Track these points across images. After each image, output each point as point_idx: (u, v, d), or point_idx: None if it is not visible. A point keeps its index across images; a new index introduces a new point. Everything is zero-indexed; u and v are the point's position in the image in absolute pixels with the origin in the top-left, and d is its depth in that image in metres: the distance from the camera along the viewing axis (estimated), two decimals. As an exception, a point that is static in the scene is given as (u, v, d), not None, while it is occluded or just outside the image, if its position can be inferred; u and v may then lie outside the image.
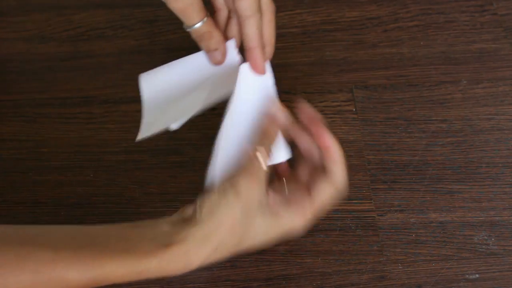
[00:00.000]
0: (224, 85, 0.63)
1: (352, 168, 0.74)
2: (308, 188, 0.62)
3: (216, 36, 0.63)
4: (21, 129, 0.78)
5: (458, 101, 0.79)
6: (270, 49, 0.64)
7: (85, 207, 0.72)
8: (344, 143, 0.76)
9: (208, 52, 0.63)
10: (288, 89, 0.80)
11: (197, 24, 0.61)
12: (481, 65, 0.82)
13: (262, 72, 0.63)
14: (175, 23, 0.88)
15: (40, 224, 0.70)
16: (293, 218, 0.61)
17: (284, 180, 0.64)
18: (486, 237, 0.69)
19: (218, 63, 0.64)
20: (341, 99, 0.80)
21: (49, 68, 0.82)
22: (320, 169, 0.62)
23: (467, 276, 0.67)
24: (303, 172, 0.64)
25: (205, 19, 0.62)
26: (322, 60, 0.83)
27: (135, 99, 0.73)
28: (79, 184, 0.74)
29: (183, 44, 0.85)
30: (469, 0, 0.89)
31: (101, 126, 0.78)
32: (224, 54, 0.63)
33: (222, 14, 0.65)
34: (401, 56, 0.84)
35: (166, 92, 0.66)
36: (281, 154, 0.63)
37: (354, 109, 0.79)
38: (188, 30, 0.63)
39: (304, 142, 0.64)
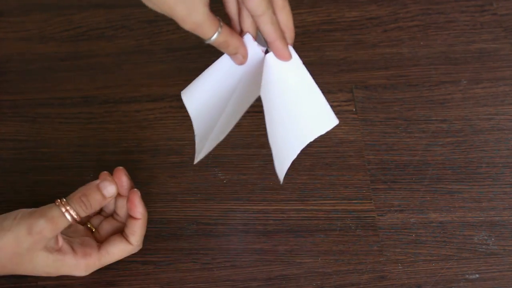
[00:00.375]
0: (257, 83, 0.63)
1: (352, 168, 0.74)
2: (101, 238, 0.67)
3: (233, 42, 0.64)
4: (21, 129, 0.78)
5: (458, 101, 0.79)
6: (290, 34, 0.65)
7: (85, 207, 0.72)
8: (344, 143, 0.76)
9: (230, 56, 0.65)
10: (288, 89, 0.80)
11: (213, 37, 0.63)
12: (481, 65, 0.82)
13: (288, 59, 0.64)
14: (175, 23, 0.88)
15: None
16: (75, 263, 0.64)
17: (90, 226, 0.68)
18: (486, 237, 0.69)
19: (241, 63, 0.65)
20: (341, 99, 0.80)
21: (49, 68, 0.82)
22: (120, 228, 0.67)
23: (467, 276, 0.67)
24: (96, 220, 0.69)
25: (219, 29, 0.63)
26: (322, 60, 0.83)
27: (135, 99, 0.73)
28: (79, 184, 0.73)
29: (183, 44, 0.85)
30: (469, 0, 0.89)
31: (101, 126, 0.78)
32: (245, 55, 0.65)
33: (231, 6, 0.65)
34: (401, 56, 0.84)
35: (209, 105, 0.66)
36: None
37: (354, 109, 0.79)
38: (206, 43, 0.64)
39: (118, 202, 0.68)
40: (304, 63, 0.65)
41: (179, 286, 0.66)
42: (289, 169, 0.74)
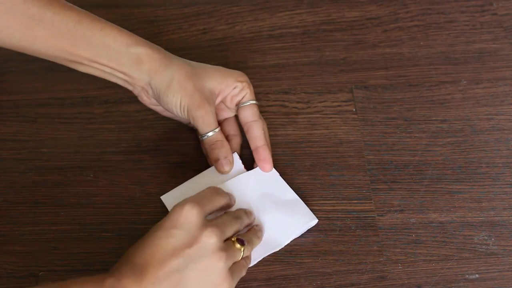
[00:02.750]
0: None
1: (352, 168, 0.74)
2: None
3: (226, 145, 0.71)
4: (21, 129, 0.78)
5: (458, 101, 0.79)
6: (269, 150, 0.72)
7: (85, 207, 0.72)
8: (344, 143, 0.76)
9: (218, 161, 0.71)
10: (288, 89, 0.81)
11: (211, 132, 0.70)
12: (481, 65, 0.82)
13: (270, 167, 0.71)
14: (175, 23, 0.88)
15: (39, 223, 0.70)
16: None
17: None
18: (486, 237, 0.69)
19: (226, 172, 0.71)
20: (341, 99, 0.80)
21: (49, 68, 0.82)
22: None
23: (467, 276, 0.67)
24: None
25: (217, 129, 0.70)
26: (322, 60, 0.83)
27: (135, 99, 0.73)
28: (79, 184, 0.74)
29: (183, 44, 0.85)
30: (469, 0, 0.89)
31: (101, 126, 0.78)
32: (232, 163, 0.71)
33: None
34: (401, 56, 0.84)
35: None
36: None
37: (354, 109, 0.79)
38: (203, 138, 0.71)
39: None
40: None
41: (179, 286, 0.66)
42: (289, 169, 0.74)
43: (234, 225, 0.64)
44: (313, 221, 0.69)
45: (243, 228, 0.66)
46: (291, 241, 0.69)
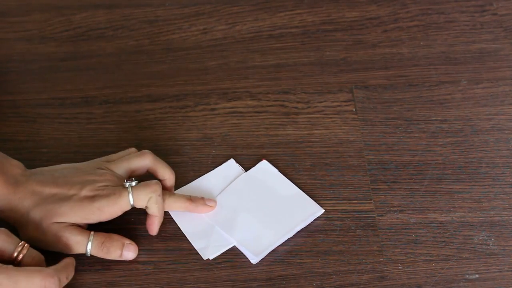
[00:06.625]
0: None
1: (352, 168, 0.74)
2: None
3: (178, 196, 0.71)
4: (21, 129, 0.78)
5: (458, 101, 0.79)
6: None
7: (85, 207, 0.72)
8: (344, 143, 0.76)
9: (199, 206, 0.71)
10: (288, 89, 0.81)
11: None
12: (481, 65, 0.82)
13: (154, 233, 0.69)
14: (175, 23, 0.88)
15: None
16: None
17: None
18: (486, 237, 0.69)
19: (213, 207, 0.71)
20: (341, 99, 0.80)
21: (49, 68, 0.82)
22: None
23: (467, 276, 0.67)
24: None
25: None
26: (322, 60, 0.83)
27: (135, 99, 0.73)
28: (79, 184, 0.73)
29: (183, 44, 0.85)
30: (469, 0, 0.89)
31: (101, 126, 0.78)
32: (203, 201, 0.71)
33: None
34: (401, 56, 0.84)
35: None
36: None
37: (354, 109, 0.79)
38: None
39: None
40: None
41: (179, 286, 0.66)
42: (289, 169, 0.74)
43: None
44: (319, 211, 0.70)
45: None
46: (291, 241, 0.69)
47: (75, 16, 0.88)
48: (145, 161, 0.69)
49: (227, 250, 0.68)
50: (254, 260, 0.67)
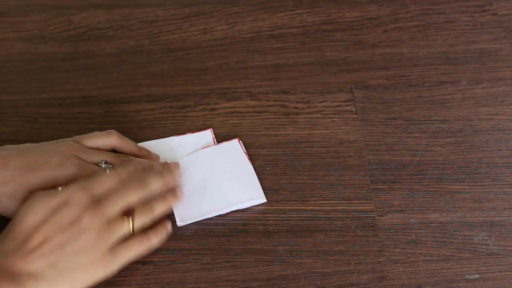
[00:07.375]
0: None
1: (352, 168, 0.74)
2: None
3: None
4: (21, 129, 0.78)
5: (458, 101, 0.79)
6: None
7: (85, 207, 0.72)
8: (344, 143, 0.76)
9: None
10: (288, 89, 0.81)
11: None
12: (481, 65, 0.82)
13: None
14: (175, 23, 0.88)
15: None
16: None
17: None
18: (486, 237, 0.69)
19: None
20: (341, 99, 0.80)
21: (49, 68, 0.82)
22: None
23: (467, 276, 0.67)
24: None
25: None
26: (322, 60, 0.83)
27: (135, 99, 0.73)
28: (79, 184, 0.73)
29: (183, 44, 0.85)
30: (469, 0, 0.89)
31: (101, 126, 0.78)
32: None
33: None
34: (401, 56, 0.84)
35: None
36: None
37: (354, 109, 0.79)
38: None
39: None
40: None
41: (179, 286, 0.66)
42: (289, 169, 0.74)
43: (126, 196, 0.63)
44: (261, 199, 0.71)
45: (157, 186, 0.66)
46: (291, 241, 0.69)
47: (75, 16, 0.88)
48: (110, 139, 0.71)
49: (227, 250, 0.68)
50: (179, 223, 0.69)
